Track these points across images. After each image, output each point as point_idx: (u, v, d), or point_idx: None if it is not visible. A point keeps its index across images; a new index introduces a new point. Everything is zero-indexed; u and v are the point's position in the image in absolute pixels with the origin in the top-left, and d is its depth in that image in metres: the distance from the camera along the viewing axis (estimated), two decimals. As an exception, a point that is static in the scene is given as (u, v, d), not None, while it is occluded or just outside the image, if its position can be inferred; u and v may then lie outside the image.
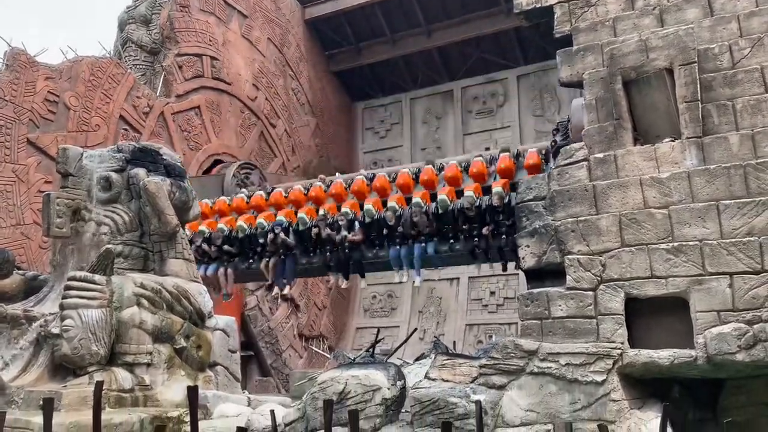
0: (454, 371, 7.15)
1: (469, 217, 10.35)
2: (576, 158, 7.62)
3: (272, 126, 19.63)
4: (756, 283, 6.33)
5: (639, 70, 7.39)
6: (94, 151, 9.76)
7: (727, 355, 6.20)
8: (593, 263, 7.08)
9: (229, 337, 9.63)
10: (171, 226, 9.07)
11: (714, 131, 7.04)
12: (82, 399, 7.32)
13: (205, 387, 8.77)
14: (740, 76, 7.08)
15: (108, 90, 15.00)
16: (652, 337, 6.78)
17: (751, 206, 6.54)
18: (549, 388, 6.74)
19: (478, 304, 19.48)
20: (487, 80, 21.47)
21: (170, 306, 8.76)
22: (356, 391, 7.03)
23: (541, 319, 7.17)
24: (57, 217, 8.84)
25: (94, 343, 7.82)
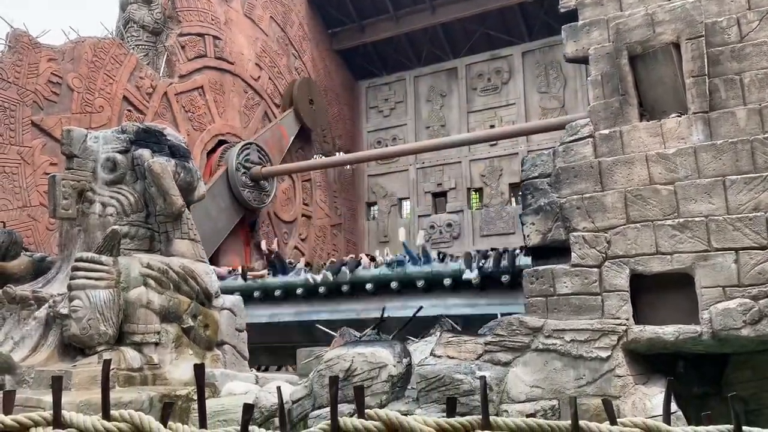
0: (459, 348, 7.19)
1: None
2: (581, 135, 7.58)
3: (276, 106, 19.56)
4: (762, 259, 6.31)
5: (645, 44, 7.30)
6: (99, 133, 9.76)
7: (732, 330, 6.21)
8: (598, 240, 7.08)
9: (236, 316, 9.71)
10: (176, 207, 9.09)
11: (721, 106, 6.98)
12: (92, 378, 7.42)
13: (213, 365, 8.87)
14: (748, 49, 6.99)
15: (111, 71, 14.94)
16: (657, 313, 6.79)
17: (758, 181, 6.50)
18: (554, 364, 6.78)
19: (484, 282, 19.49)
20: (492, 57, 21.27)
21: (177, 286, 8.81)
22: (362, 369, 7.09)
23: (546, 296, 7.19)
24: (63, 199, 8.87)
25: (103, 323, 7.89)
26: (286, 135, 19.42)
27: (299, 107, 19.87)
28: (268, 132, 18.68)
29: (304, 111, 20.08)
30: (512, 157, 19.63)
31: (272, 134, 18.87)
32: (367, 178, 22.43)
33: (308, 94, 20.42)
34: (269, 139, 18.60)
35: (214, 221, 16.55)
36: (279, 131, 19.21)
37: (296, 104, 19.82)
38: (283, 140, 19.24)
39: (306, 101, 20.22)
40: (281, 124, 19.34)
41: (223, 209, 16.92)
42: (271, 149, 18.32)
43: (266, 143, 18.26)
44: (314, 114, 20.55)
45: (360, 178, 22.46)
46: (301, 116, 19.89)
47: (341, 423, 1.89)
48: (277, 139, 19.08)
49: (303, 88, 20.24)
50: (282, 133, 19.30)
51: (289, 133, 19.46)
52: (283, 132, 19.36)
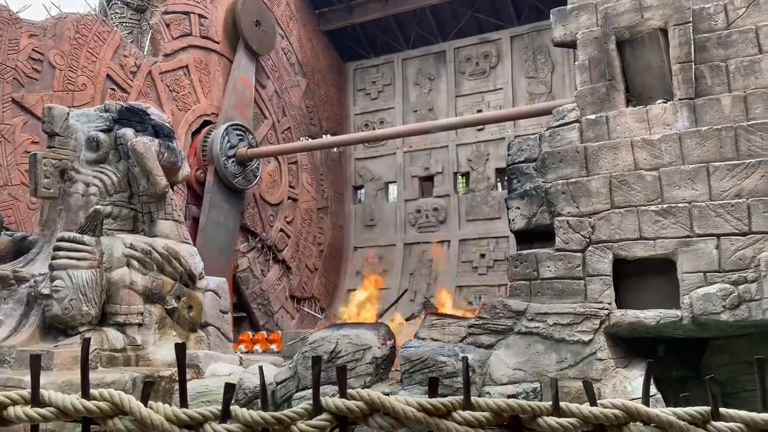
0: (443, 331, 7.23)
1: None
2: (568, 119, 7.59)
3: (262, 87, 19.35)
4: (743, 245, 6.39)
5: (633, 29, 7.30)
6: (81, 111, 9.62)
7: (712, 315, 6.30)
8: (582, 225, 7.12)
9: (220, 298, 9.69)
10: (160, 187, 9.01)
11: (706, 93, 7.01)
12: (74, 359, 7.38)
13: (197, 347, 8.86)
14: (734, 36, 7.02)
15: (94, 48, 14.68)
16: (639, 297, 6.87)
17: (740, 168, 6.55)
18: (536, 347, 6.84)
19: (469, 266, 19.62)
20: (481, 41, 21.17)
21: (161, 267, 8.76)
22: (347, 350, 7.11)
23: (530, 280, 7.24)
24: (44, 178, 8.76)
25: (85, 304, 7.84)
26: (248, 82, 17.84)
27: (247, 35, 17.45)
28: (232, 95, 17.38)
29: (252, 37, 17.58)
30: (499, 142, 19.64)
31: (236, 94, 17.52)
32: (353, 162, 22.36)
33: (255, 14, 17.82)
34: (237, 102, 17.41)
35: (224, 226, 16.36)
36: (240, 84, 17.54)
37: (243, 32, 17.43)
38: (246, 91, 17.83)
39: (252, 25, 17.72)
40: (239, 73, 17.49)
41: (228, 209, 16.67)
42: (241, 113, 17.30)
43: (236, 109, 17.29)
44: (263, 36, 18.11)
45: (347, 161, 22.38)
46: (250, 45, 17.50)
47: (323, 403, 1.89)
48: (241, 95, 17.54)
49: (247, 9, 17.55)
50: (244, 84, 17.69)
51: (248, 78, 17.85)
52: (244, 82, 17.67)
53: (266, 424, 1.87)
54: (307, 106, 21.15)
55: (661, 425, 1.86)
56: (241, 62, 17.61)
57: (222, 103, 17.59)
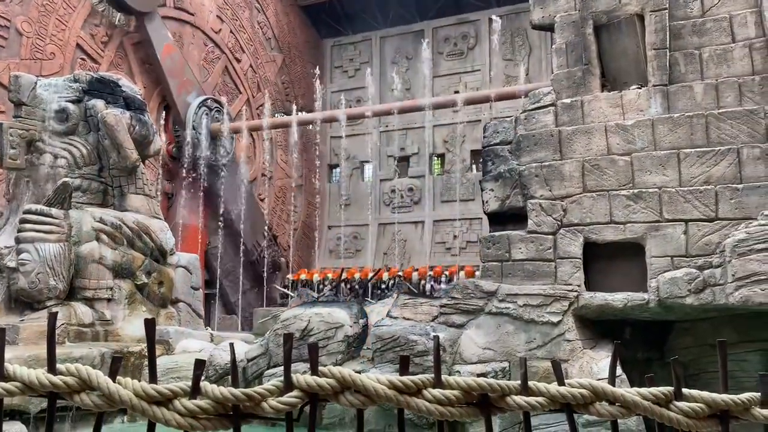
0: (415, 310, 7.28)
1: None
2: (543, 103, 7.62)
3: (237, 60, 19.05)
4: (709, 231, 6.53)
5: (611, 14, 7.33)
6: (49, 80, 9.36)
7: (678, 298, 6.44)
8: (555, 208, 7.19)
9: (191, 274, 9.61)
10: (131, 161, 8.86)
11: (680, 80, 7.09)
12: (41, 333, 7.27)
13: (168, 323, 8.79)
14: (709, 24, 7.09)
15: (63, 16, 14.25)
16: (607, 280, 6.99)
17: (710, 155, 6.67)
18: (506, 327, 6.93)
19: (442, 247, 19.74)
20: (459, 21, 21.09)
21: (131, 242, 8.65)
22: (319, 328, 7.13)
23: (502, 261, 7.31)
24: (10, 148, 8.53)
25: (52, 278, 7.71)
26: (172, 47, 16.40)
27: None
28: (172, 73, 16.04)
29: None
30: (475, 124, 19.67)
31: (172, 63, 16.14)
32: (329, 140, 22.21)
33: None
34: (174, 72, 16.18)
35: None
36: (169, 56, 15.95)
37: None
38: (175, 56, 16.37)
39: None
40: (165, 43, 15.92)
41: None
42: (183, 83, 16.15)
43: (176, 79, 16.18)
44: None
45: (322, 139, 22.23)
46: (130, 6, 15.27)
47: (294, 380, 1.88)
48: (178, 66, 16.37)
49: None
50: (170, 51, 16.16)
51: (168, 42, 16.26)
52: (170, 50, 16.18)
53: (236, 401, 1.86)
54: (283, 82, 20.89)
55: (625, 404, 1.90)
56: (152, 24, 15.92)
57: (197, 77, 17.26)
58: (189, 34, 17.38)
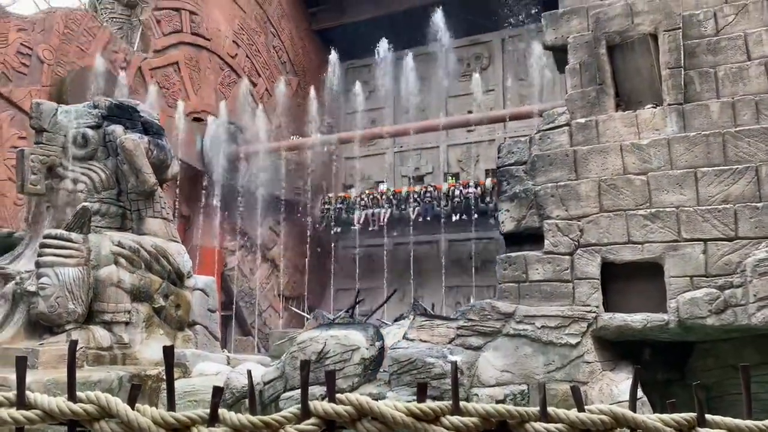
0: (431, 332, 7.24)
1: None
2: (558, 123, 7.62)
3: (253, 84, 19.30)
4: (729, 250, 6.45)
5: (624, 34, 7.34)
6: (69, 107, 9.53)
7: (698, 319, 6.35)
8: (571, 228, 7.15)
9: (208, 296, 9.64)
10: (149, 185, 8.96)
11: (695, 98, 7.07)
12: (59, 357, 7.31)
13: (185, 346, 8.81)
14: (723, 43, 7.08)
15: (83, 44, 14.57)
16: (626, 301, 6.91)
17: (728, 174, 6.61)
18: (524, 349, 6.86)
19: (457, 267, 19.65)
20: (472, 42, 21.22)
21: (149, 265, 8.71)
22: (335, 351, 7.10)
23: (519, 282, 7.26)
24: (31, 174, 8.67)
25: (71, 302, 7.77)
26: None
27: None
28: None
29: None
30: (489, 143, 19.69)
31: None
32: (344, 161, 22.32)
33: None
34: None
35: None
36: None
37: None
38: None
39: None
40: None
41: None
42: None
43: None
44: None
45: (337, 160, 22.35)
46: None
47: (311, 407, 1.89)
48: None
49: None
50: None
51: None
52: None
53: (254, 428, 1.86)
54: (298, 105, 21.11)
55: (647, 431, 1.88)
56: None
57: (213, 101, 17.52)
58: (205, 59, 17.67)
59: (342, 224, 19.60)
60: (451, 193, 18.19)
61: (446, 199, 18.17)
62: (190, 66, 17.17)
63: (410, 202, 18.85)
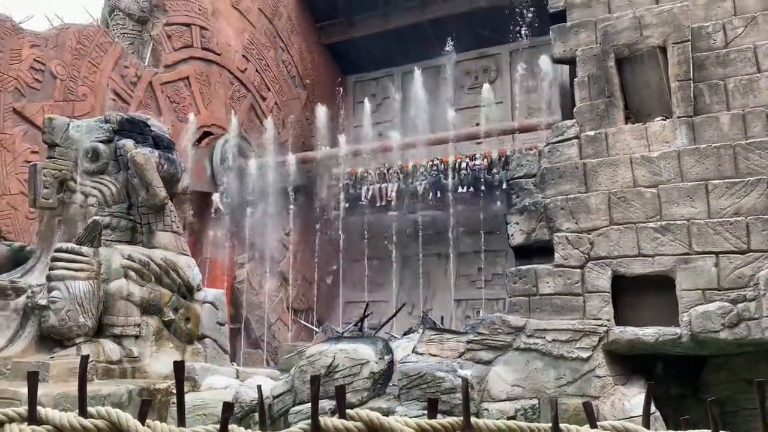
0: (441, 346, 7.20)
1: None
2: (567, 135, 7.61)
3: (262, 98, 19.43)
4: (741, 263, 6.39)
5: (632, 47, 7.35)
6: (81, 122, 9.63)
7: (711, 333, 6.28)
8: (581, 241, 7.12)
9: (217, 310, 9.65)
10: (159, 199, 9.01)
11: (705, 111, 7.04)
12: (70, 370, 7.33)
13: (194, 359, 8.81)
14: (733, 55, 7.06)
15: (95, 59, 14.74)
16: (637, 314, 6.85)
17: (739, 186, 6.57)
18: (535, 363, 6.81)
19: (467, 280, 19.58)
20: (480, 55, 21.29)
21: (158, 278, 8.74)
22: (344, 365, 7.08)
23: (529, 296, 7.22)
24: (44, 188, 8.76)
25: (82, 315, 7.80)
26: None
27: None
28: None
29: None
30: (498, 156, 19.68)
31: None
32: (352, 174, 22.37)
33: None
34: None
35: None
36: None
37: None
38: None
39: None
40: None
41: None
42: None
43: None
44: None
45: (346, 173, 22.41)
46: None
47: (322, 423, 1.88)
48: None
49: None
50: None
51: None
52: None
53: (264, 444, 1.86)
54: (307, 118, 21.22)
55: (661, 449, 1.86)
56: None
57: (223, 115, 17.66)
58: (215, 74, 17.83)
59: (351, 200, 19.67)
60: (458, 166, 18.48)
61: (453, 171, 18.47)
62: (201, 80, 17.33)
63: (417, 176, 19.17)
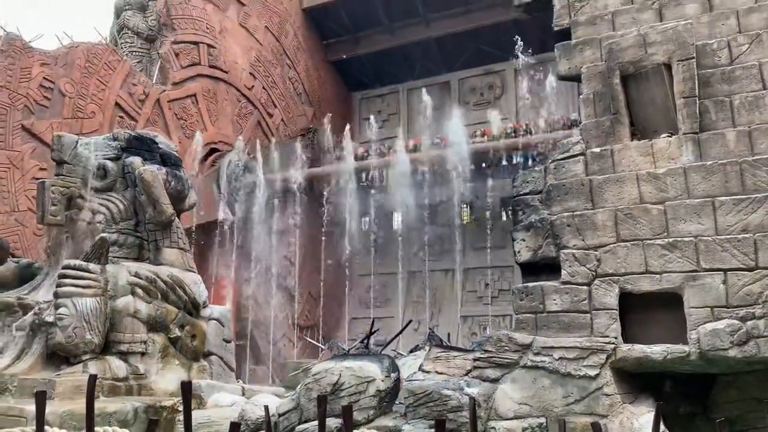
0: (448, 364, 7.16)
1: None
2: (573, 152, 7.62)
3: (269, 115, 19.56)
4: (749, 280, 6.35)
5: (637, 64, 7.37)
6: (90, 139, 9.71)
7: (720, 350, 6.23)
8: (588, 258, 7.09)
9: (223, 326, 9.65)
10: (166, 215, 9.05)
11: (711, 127, 7.04)
12: (76, 387, 7.33)
13: (200, 376, 8.80)
14: (738, 72, 7.07)
15: (104, 77, 14.90)
16: (645, 332, 6.80)
17: (746, 203, 6.55)
18: (542, 381, 6.76)
19: (473, 296, 19.53)
20: (485, 72, 21.40)
21: (165, 295, 8.75)
22: (350, 383, 7.05)
23: (536, 313, 7.19)
24: (52, 205, 8.82)
25: (88, 332, 7.81)
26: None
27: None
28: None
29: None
30: (504, 172, 19.71)
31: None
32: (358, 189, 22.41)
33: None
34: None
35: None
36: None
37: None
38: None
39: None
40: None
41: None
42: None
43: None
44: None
45: (351, 188, 22.45)
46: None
47: (329, 445, 1.87)
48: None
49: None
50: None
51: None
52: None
53: (272, 467, 1.85)
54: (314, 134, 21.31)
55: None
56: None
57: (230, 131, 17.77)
58: (223, 91, 17.98)
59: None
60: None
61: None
62: (208, 98, 17.48)
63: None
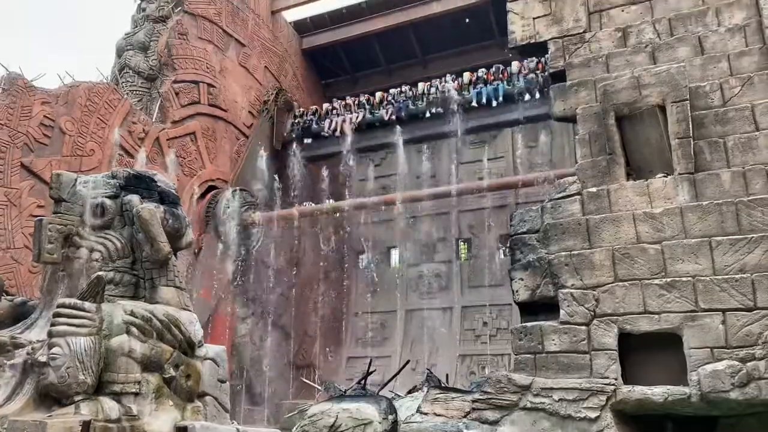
0: (446, 405, 7.07)
1: None
2: (569, 192, 7.67)
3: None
4: (749, 320, 6.33)
5: (632, 106, 7.48)
6: (88, 177, 9.72)
7: (721, 392, 6.17)
8: (587, 297, 7.07)
9: (219, 366, 9.49)
10: (163, 253, 9.00)
11: (706, 168, 7.11)
12: (67, 429, 7.17)
13: (194, 417, 8.63)
14: (731, 114, 7.18)
15: (104, 115, 15.03)
16: (645, 373, 6.75)
17: (743, 243, 6.57)
18: (542, 423, 6.67)
19: (471, 335, 19.36)
20: (482, 112, 21.61)
21: (160, 334, 8.64)
22: (347, 425, 6.94)
23: (535, 354, 7.13)
24: (48, 243, 8.76)
25: (82, 372, 7.68)
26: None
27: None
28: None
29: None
30: (501, 209, 19.76)
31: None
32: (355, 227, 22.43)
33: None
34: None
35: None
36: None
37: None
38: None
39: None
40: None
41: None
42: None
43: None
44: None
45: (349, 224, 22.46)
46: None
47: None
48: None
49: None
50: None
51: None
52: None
53: None
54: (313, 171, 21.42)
55: None
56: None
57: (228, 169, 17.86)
58: (222, 129, 18.13)
59: (312, 135, 19.85)
60: (426, 90, 18.58)
61: (422, 97, 18.63)
62: (207, 136, 17.62)
63: (384, 104, 19.43)
